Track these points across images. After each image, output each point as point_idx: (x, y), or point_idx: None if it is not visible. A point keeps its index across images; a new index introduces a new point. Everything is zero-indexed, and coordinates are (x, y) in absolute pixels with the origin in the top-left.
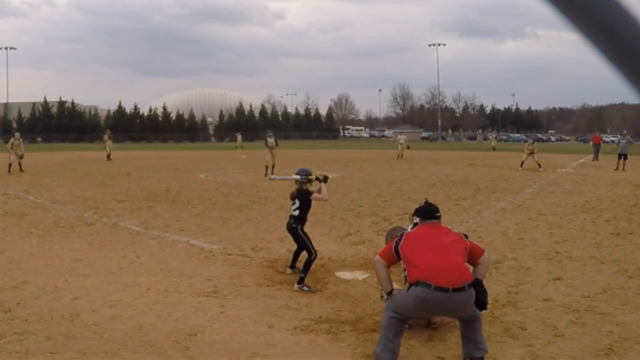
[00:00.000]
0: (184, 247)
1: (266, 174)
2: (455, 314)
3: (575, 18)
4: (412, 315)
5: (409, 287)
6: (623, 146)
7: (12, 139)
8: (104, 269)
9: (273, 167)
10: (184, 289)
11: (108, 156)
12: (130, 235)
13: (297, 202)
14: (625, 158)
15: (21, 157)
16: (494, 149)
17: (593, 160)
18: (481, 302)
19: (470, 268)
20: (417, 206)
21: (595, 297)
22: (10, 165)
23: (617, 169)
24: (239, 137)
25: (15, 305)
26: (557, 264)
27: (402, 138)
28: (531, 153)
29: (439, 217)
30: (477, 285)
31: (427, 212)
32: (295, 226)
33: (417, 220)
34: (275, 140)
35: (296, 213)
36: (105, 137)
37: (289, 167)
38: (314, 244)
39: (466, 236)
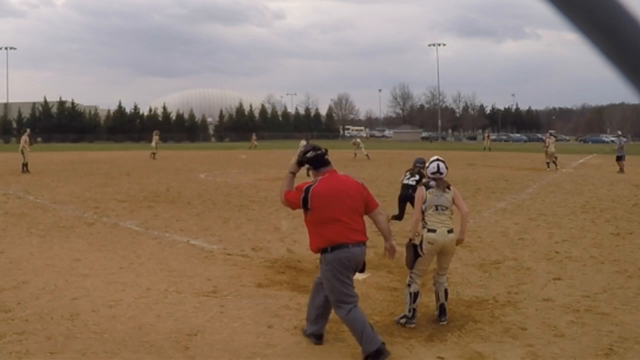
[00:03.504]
0: (184, 247)
1: None
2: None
3: (575, 18)
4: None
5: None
6: (620, 148)
7: (25, 136)
8: (104, 269)
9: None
10: (184, 289)
11: (153, 155)
12: (130, 235)
13: (417, 176)
14: (623, 159)
15: (25, 164)
16: (485, 149)
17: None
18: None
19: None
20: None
21: (595, 297)
22: (25, 165)
23: (621, 170)
24: (254, 137)
25: (15, 305)
26: (557, 264)
27: (358, 140)
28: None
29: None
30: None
31: (321, 159)
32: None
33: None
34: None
35: (413, 182)
36: (155, 137)
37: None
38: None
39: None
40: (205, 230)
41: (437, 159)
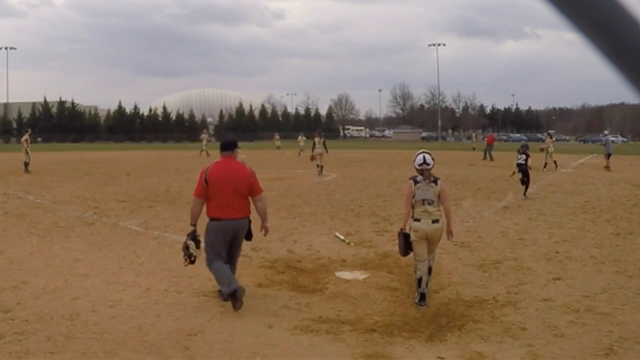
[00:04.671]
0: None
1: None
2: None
3: (575, 18)
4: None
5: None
6: (609, 145)
7: (26, 136)
8: (104, 269)
9: (321, 167)
10: (184, 289)
11: (204, 152)
12: (130, 235)
13: (525, 156)
14: (608, 157)
15: (26, 164)
16: (475, 149)
17: (483, 159)
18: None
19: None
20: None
21: (595, 297)
22: (26, 164)
23: (608, 168)
24: (277, 136)
25: (15, 305)
26: (557, 264)
27: (301, 139)
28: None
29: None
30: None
31: (228, 144)
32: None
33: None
34: (324, 143)
35: (523, 161)
36: (205, 136)
37: (290, 167)
38: (315, 243)
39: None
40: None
41: (423, 152)
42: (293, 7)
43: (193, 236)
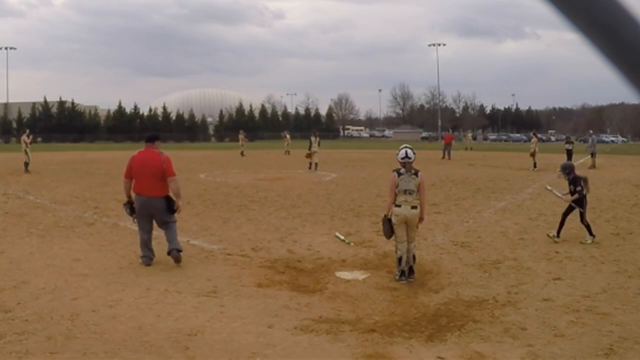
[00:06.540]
0: (184, 247)
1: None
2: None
3: (575, 18)
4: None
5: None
6: (593, 145)
7: (24, 136)
8: (104, 269)
9: (316, 164)
10: (184, 289)
11: (242, 153)
12: (130, 235)
13: (571, 144)
14: (594, 156)
15: (26, 164)
16: (467, 148)
17: (442, 158)
18: (171, 209)
19: None
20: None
21: (595, 297)
22: (26, 164)
23: (593, 166)
24: (288, 137)
25: (15, 305)
26: (557, 264)
27: (287, 137)
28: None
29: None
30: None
31: (150, 137)
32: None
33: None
34: (318, 143)
35: (570, 147)
36: (241, 136)
37: (289, 167)
38: (314, 243)
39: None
40: (205, 230)
41: (406, 147)
42: (293, 7)
43: (130, 206)
